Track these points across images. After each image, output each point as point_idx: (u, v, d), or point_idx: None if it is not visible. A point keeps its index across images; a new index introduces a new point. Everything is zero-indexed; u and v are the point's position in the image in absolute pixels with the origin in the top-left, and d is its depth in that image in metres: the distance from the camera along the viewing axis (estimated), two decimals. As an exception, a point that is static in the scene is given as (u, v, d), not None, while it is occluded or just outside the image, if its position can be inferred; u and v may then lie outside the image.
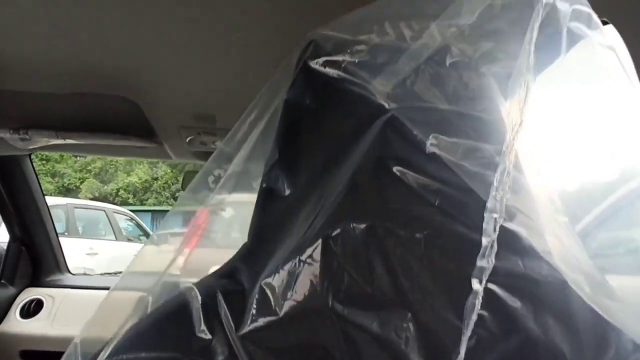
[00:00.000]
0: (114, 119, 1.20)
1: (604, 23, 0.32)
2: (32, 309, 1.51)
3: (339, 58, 0.33)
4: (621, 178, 0.31)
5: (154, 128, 1.25)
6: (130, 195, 16.05)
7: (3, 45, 0.91)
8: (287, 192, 0.35)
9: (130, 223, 5.72)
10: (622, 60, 0.31)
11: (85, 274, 2.53)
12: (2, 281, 1.54)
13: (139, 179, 16.22)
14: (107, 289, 1.65)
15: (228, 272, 0.35)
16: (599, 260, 0.28)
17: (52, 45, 0.91)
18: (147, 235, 5.98)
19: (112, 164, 15.77)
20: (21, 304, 1.50)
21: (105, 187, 15.00)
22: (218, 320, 0.28)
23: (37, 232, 1.57)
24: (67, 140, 1.18)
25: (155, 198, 16.21)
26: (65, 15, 0.79)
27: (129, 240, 5.45)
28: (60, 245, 1.69)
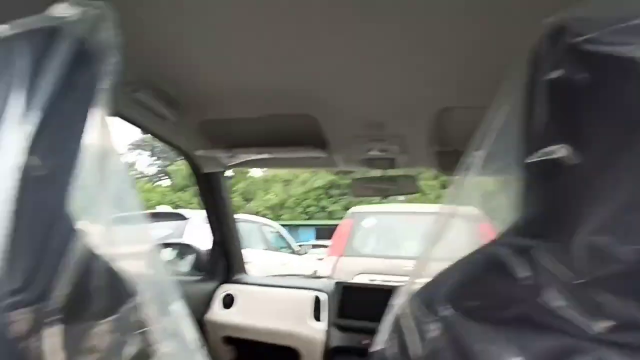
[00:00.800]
0: (295, 134, 1.38)
1: None
2: (228, 302, 1.79)
3: (612, 36, 0.35)
4: None
5: (328, 140, 1.39)
6: (268, 211, 17.72)
7: (222, 79, 1.14)
8: (575, 161, 0.36)
9: (274, 234, 6.32)
10: None
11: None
12: (205, 276, 1.87)
13: (275, 196, 17.86)
14: (279, 286, 1.85)
15: (511, 240, 0.38)
16: None
17: (255, 75, 1.10)
18: (289, 246, 6.53)
19: (253, 184, 17.75)
20: (221, 297, 1.79)
21: (249, 204, 16.96)
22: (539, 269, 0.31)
23: (230, 238, 1.87)
24: (261, 155, 1.39)
25: (289, 214, 17.61)
26: (264, 49, 0.95)
27: (275, 250, 6.02)
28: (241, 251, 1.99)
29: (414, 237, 4.53)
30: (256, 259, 5.16)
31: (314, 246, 9.10)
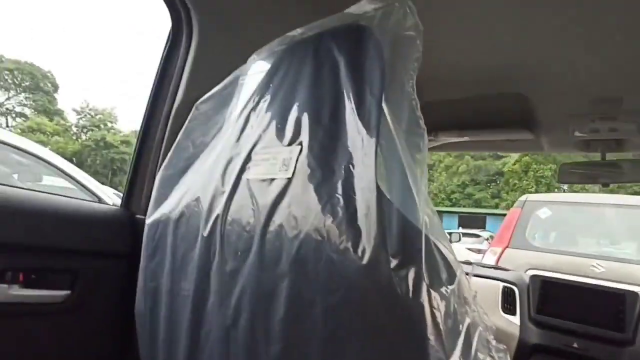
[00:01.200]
0: (500, 115, 1.29)
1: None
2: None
3: None
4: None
5: (538, 120, 1.27)
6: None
7: (427, 61, 1.13)
8: None
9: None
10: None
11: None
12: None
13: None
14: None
15: None
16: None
17: (463, 55, 1.06)
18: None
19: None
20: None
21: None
22: None
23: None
24: (462, 138, 1.36)
25: (432, 199, 17.07)
26: (474, 26, 0.90)
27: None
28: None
29: (597, 233, 3.86)
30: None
31: (464, 234, 8.63)
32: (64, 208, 0.82)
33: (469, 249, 8.32)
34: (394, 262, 0.40)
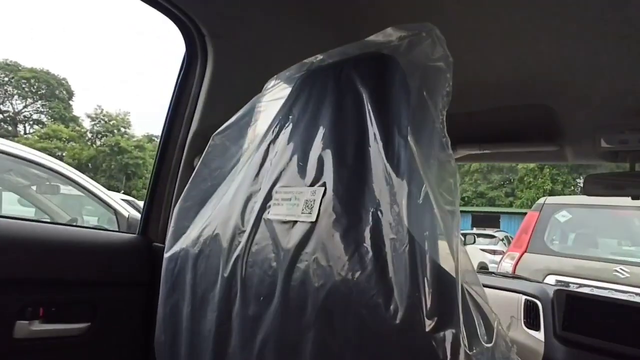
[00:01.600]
0: (523, 127, 1.25)
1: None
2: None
3: None
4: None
5: (564, 132, 1.22)
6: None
7: (457, 74, 1.10)
8: None
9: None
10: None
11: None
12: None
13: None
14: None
15: None
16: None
17: (489, 68, 1.02)
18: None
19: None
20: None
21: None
22: None
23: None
24: (484, 150, 1.32)
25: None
26: (500, 38, 0.86)
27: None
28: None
29: (618, 236, 3.75)
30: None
31: (478, 235, 8.49)
32: (82, 239, 0.81)
33: (482, 250, 8.17)
34: (429, 324, 0.38)
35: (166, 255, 0.71)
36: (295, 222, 0.51)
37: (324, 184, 0.51)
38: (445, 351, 0.37)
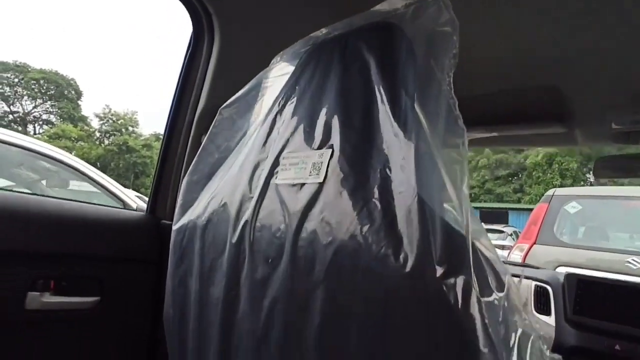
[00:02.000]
0: (531, 108, 1.24)
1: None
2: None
3: None
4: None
5: (573, 113, 1.21)
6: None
7: (463, 55, 1.09)
8: None
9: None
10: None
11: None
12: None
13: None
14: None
15: None
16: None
17: (496, 48, 1.01)
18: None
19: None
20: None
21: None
22: None
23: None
24: (492, 133, 1.31)
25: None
26: (507, 18, 0.85)
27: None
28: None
29: (629, 227, 3.70)
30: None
31: (487, 231, 8.43)
32: (92, 215, 0.83)
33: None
34: (440, 270, 0.38)
35: (174, 227, 0.72)
36: (303, 184, 0.52)
37: (331, 146, 0.51)
38: (457, 296, 0.37)
